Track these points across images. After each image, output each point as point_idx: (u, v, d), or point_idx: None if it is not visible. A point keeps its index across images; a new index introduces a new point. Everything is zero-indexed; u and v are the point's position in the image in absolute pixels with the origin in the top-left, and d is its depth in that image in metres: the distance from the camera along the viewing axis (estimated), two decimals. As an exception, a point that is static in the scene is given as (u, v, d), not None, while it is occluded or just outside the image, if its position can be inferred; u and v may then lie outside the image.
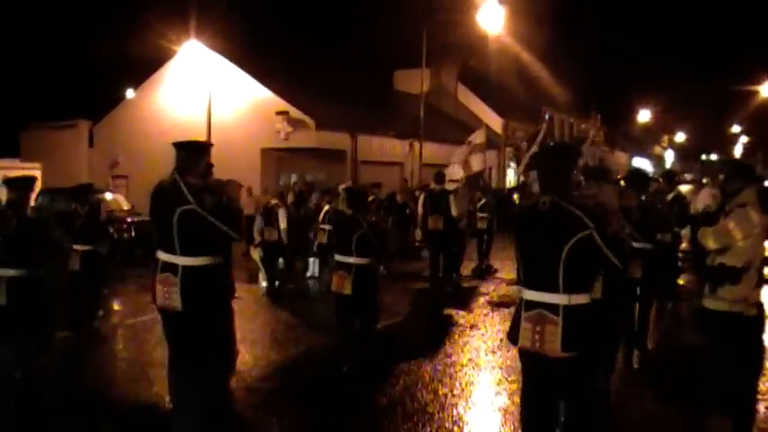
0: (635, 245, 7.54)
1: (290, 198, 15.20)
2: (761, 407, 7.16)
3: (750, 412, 6.42)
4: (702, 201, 13.61)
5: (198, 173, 6.20)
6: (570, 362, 4.70)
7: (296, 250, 15.02)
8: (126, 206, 21.75)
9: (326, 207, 14.55)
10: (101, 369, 8.95)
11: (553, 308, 4.72)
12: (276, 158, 27.07)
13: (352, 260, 8.20)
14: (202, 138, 25.28)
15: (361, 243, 8.16)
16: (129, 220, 19.59)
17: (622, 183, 8.84)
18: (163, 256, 6.02)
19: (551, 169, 4.96)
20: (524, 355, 5.02)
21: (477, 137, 15.89)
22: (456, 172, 15.43)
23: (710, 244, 6.17)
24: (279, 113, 26.19)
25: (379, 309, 9.39)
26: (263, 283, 13.95)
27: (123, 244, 18.58)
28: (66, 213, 10.69)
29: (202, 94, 26.81)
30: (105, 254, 10.30)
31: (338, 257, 8.42)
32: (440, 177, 14.28)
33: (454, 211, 13.77)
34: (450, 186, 14.56)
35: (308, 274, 15.43)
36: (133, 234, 19.03)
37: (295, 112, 26.27)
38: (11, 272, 6.48)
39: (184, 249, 5.88)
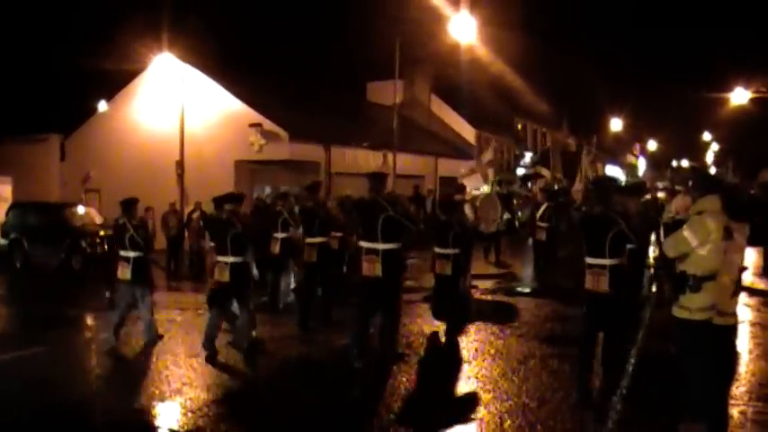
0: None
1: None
2: (734, 411, 7.24)
3: (723, 418, 6.49)
4: (675, 208, 13.79)
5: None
6: (611, 296, 7.77)
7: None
8: (99, 220, 21.61)
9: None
10: (69, 386, 8.89)
11: (603, 266, 7.83)
12: (249, 171, 26.97)
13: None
14: (176, 149, 25.26)
15: None
16: (101, 233, 19.45)
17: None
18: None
19: (601, 191, 8.35)
20: (587, 293, 8.02)
21: (488, 154, 16.96)
22: (478, 183, 16.60)
23: (669, 252, 6.33)
24: (252, 125, 26.10)
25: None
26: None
27: (96, 258, 18.43)
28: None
29: (175, 106, 26.74)
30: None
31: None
32: (460, 189, 15.34)
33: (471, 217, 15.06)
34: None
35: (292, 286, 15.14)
36: (106, 248, 18.87)
37: (268, 124, 26.19)
38: None
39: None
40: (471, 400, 7.89)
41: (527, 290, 15.15)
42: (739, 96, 39.56)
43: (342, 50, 42.59)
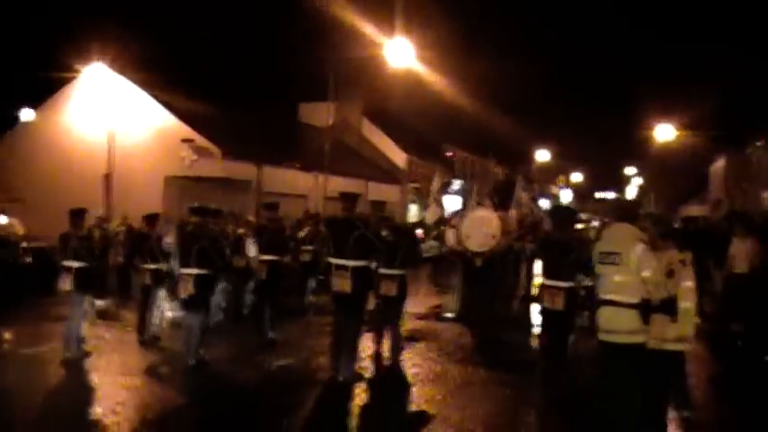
0: None
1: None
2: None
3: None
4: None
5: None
6: (565, 313, 8.53)
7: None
8: (21, 231, 20.98)
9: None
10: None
11: (559, 287, 8.51)
12: (179, 187, 26.52)
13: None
14: (104, 162, 24.73)
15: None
16: (24, 245, 18.90)
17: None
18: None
19: (561, 219, 9.23)
20: (543, 311, 8.86)
21: (436, 183, 17.25)
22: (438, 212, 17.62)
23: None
24: (184, 141, 25.73)
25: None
26: (168, 313, 13.68)
27: (19, 269, 17.86)
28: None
29: (105, 117, 26.24)
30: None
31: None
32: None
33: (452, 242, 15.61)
34: None
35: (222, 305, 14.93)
36: (29, 260, 18.32)
37: (201, 140, 25.90)
38: None
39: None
40: (414, 425, 7.87)
41: (455, 315, 15.17)
42: (663, 132, 40.70)
43: (275, 69, 42.37)
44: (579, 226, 22.86)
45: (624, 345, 6.88)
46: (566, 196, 74.47)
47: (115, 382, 9.38)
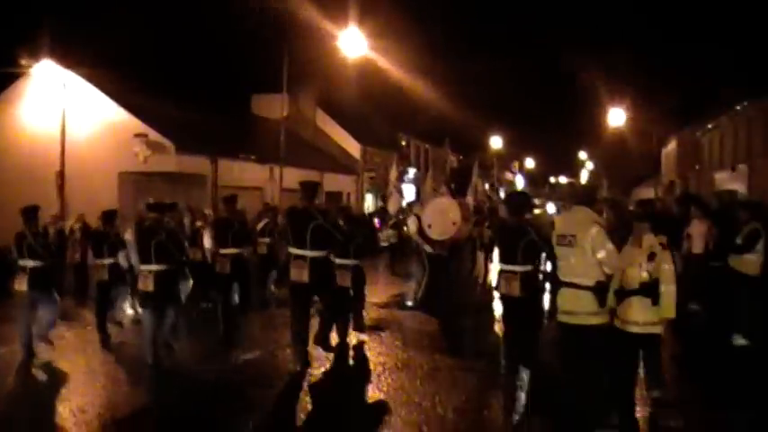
0: None
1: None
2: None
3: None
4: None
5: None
6: (522, 299, 8.42)
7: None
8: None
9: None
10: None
11: (515, 272, 8.44)
12: (134, 182, 26.19)
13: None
14: (57, 159, 24.32)
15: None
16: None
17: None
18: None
19: (516, 204, 9.04)
20: (501, 296, 8.83)
21: (393, 172, 17.20)
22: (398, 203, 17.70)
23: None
24: (137, 136, 25.46)
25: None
26: (129, 311, 13.59)
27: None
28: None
29: (56, 114, 25.80)
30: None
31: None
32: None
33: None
34: None
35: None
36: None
37: (154, 135, 25.62)
38: None
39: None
40: (387, 413, 7.88)
41: (415, 303, 15.18)
42: (614, 117, 41.20)
43: (226, 61, 41.93)
44: (536, 211, 23.06)
45: (583, 326, 7.00)
46: (519, 182, 75.09)
47: (79, 382, 9.26)
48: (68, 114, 25.34)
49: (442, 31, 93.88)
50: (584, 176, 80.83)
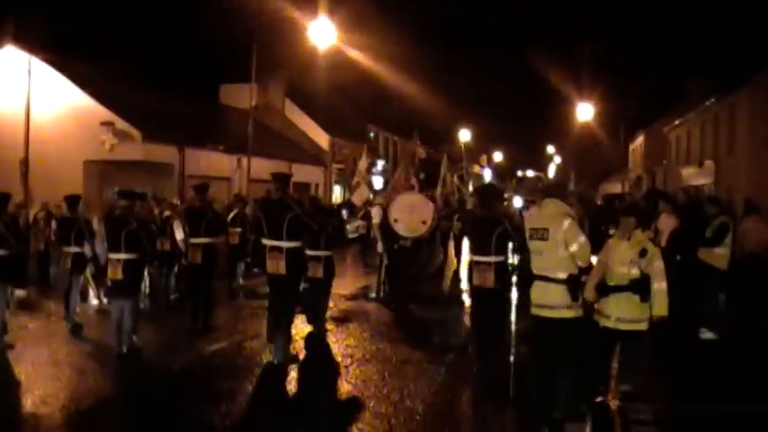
0: None
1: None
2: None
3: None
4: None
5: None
6: (495, 290, 8.64)
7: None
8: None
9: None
10: None
11: (489, 263, 8.60)
12: (100, 171, 25.89)
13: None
14: (21, 146, 23.92)
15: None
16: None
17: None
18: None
19: (487, 196, 9.23)
20: (473, 288, 8.96)
21: (363, 162, 17.03)
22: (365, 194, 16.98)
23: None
24: (103, 124, 25.14)
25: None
26: (94, 301, 13.44)
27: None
28: None
29: (20, 101, 25.37)
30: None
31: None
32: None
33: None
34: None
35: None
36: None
37: (121, 123, 25.33)
38: None
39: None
40: (356, 405, 7.83)
41: (378, 296, 15.11)
42: (582, 111, 41.39)
43: (194, 50, 41.60)
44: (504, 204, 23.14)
45: (556, 319, 6.99)
46: (487, 176, 75.25)
47: (44, 373, 9.09)
48: (33, 101, 24.88)
49: (412, 23, 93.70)
50: (551, 171, 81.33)
